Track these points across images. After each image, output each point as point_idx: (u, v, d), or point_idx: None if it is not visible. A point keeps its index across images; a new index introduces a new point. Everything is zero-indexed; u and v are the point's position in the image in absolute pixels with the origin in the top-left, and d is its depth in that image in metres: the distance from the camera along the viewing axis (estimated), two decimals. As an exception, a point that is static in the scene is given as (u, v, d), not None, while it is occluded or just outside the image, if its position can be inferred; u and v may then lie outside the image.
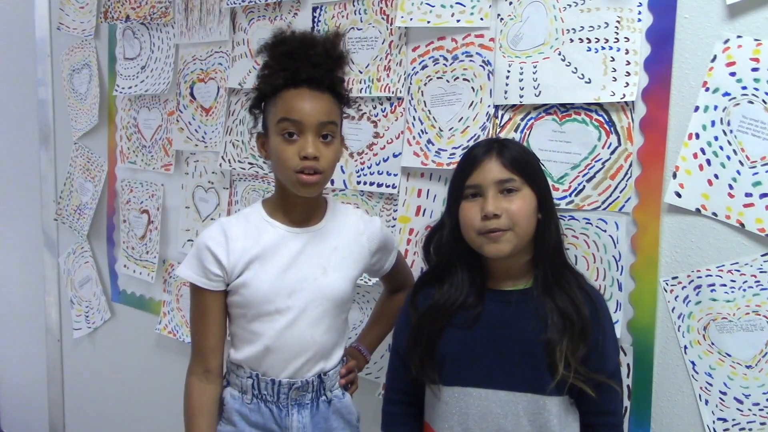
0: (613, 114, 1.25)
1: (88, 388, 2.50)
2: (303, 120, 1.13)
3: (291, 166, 1.14)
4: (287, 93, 1.15)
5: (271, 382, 1.21)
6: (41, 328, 2.63)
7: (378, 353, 1.58)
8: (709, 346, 1.18)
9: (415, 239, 1.51)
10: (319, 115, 1.15)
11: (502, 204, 1.10)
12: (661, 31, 1.20)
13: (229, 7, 1.83)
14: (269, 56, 1.18)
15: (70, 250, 2.46)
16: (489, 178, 1.11)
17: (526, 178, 1.12)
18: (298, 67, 1.15)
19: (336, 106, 1.20)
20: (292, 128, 1.14)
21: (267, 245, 1.20)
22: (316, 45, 1.17)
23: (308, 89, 1.15)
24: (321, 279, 1.21)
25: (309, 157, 1.13)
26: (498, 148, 1.13)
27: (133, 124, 2.16)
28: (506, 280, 1.17)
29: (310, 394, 1.23)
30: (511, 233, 1.10)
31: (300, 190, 1.17)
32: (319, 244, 1.23)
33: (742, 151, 1.13)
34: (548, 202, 1.15)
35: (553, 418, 1.09)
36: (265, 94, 1.19)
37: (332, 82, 1.19)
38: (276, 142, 1.15)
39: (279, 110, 1.15)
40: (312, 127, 1.14)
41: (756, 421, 1.14)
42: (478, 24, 1.40)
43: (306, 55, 1.15)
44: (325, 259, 1.23)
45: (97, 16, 2.24)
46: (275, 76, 1.16)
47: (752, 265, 1.13)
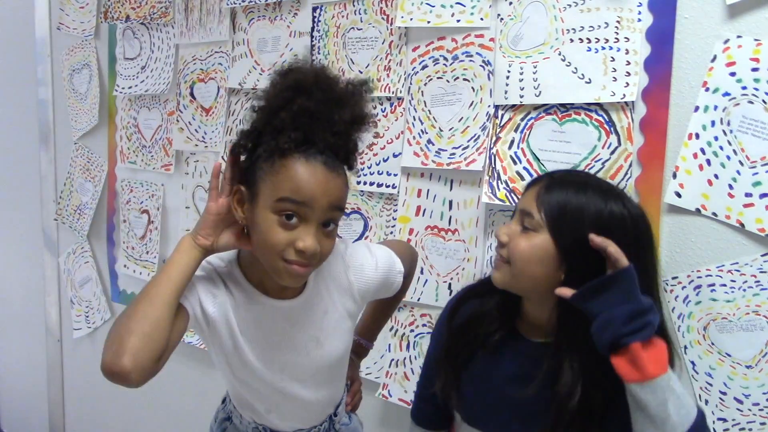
0: (613, 114, 1.25)
1: (88, 388, 2.50)
2: (311, 206, 0.92)
3: (281, 254, 0.93)
4: (296, 164, 0.92)
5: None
6: (41, 328, 2.63)
7: (378, 353, 1.58)
8: (709, 346, 1.18)
9: (415, 239, 1.51)
10: (330, 200, 0.93)
11: (513, 233, 1.01)
12: (661, 31, 1.20)
13: (229, 7, 1.83)
14: (282, 102, 0.93)
15: (70, 250, 2.46)
16: (521, 203, 1.03)
17: (551, 224, 0.97)
18: (315, 133, 0.92)
19: (347, 186, 0.98)
20: (293, 211, 0.92)
21: (248, 320, 1.02)
22: (344, 106, 0.95)
23: (323, 166, 0.92)
24: (314, 352, 1.07)
25: (307, 253, 0.92)
26: (554, 182, 1.01)
27: (133, 124, 2.16)
28: (533, 328, 1.08)
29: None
30: (507, 267, 1.02)
31: (283, 280, 0.96)
32: (308, 313, 1.06)
33: (742, 151, 1.13)
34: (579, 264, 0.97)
35: None
36: (265, 148, 0.94)
37: (348, 151, 0.98)
38: (267, 221, 0.93)
39: (282, 184, 0.92)
40: (318, 216, 0.93)
41: (756, 421, 1.14)
42: (478, 24, 1.40)
43: (330, 119, 0.93)
44: (317, 329, 1.06)
45: (97, 16, 2.24)
46: (284, 135, 0.92)
47: (752, 265, 1.13)
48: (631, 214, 0.98)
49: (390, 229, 1.56)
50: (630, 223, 0.97)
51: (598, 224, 0.96)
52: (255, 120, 0.96)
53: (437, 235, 1.49)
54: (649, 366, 0.91)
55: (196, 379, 2.03)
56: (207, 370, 1.99)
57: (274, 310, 1.03)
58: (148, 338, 0.87)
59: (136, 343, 0.86)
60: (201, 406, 1.32)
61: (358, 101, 0.97)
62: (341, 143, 0.96)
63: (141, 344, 0.86)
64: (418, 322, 1.53)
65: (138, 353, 0.86)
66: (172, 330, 0.92)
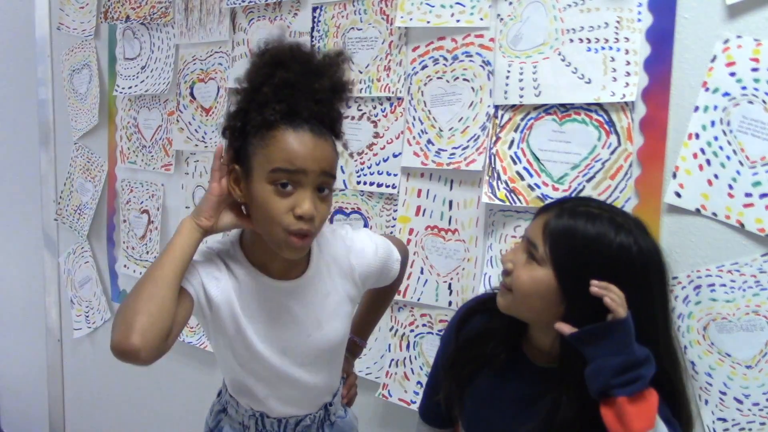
0: (613, 114, 1.25)
1: (88, 388, 2.50)
2: (303, 171, 0.95)
3: (283, 224, 0.95)
4: (285, 134, 0.95)
5: (277, 421, 1.14)
6: (41, 328, 2.63)
7: (378, 353, 1.58)
8: (708, 346, 1.18)
9: (415, 239, 1.51)
10: (321, 165, 0.96)
11: (518, 262, 1.00)
12: (661, 31, 1.20)
13: (229, 7, 1.83)
14: (263, 78, 0.97)
15: (70, 250, 2.46)
16: (528, 231, 1.02)
17: (554, 255, 0.96)
18: (298, 103, 0.96)
19: (336, 152, 1.01)
20: (287, 180, 0.95)
21: (251, 300, 1.04)
22: (322, 75, 0.98)
23: (311, 133, 0.96)
24: (315, 334, 1.08)
25: (305, 217, 0.95)
26: (564, 211, 0.98)
27: (133, 124, 2.16)
28: (538, 352, 1.07)
29: (316, 424, 1.18)
30: (510, 295, 1.01)
31: (286, 253, 0.99)
32: (310, 295, 1.07)
33: (741, 151, 1.13)
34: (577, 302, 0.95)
35: None
36: (253, 125, 0.97)
37: (332, 119, 1.02)
38: (264, 192, 0.95)
39: (273, 156, 0.95)
40: (312, 181, 0.96)
41: (756, 421, 1.14)
42: (478, 24, 1.40)
43: (311, 88, 0.97)
44: (318, 311, 1.08)
45: (97, 16, 2.24)
46: (269, 108, 0.95)
47: (752, 265, 1.13)
48: (641, 249, 0.95)
49: (390, 229, 1.56)
50: (638, 258, 0.95)
51: (604, 259, 0.94)
52: (240, 100, 1.00)
53: (437, 235, 1.49)
54: (635, 422, 0.89)
55: (196, 379, 2.03)
56: (207, 369, 1.99)
57: (277, 290, 1.05)
58: (155, 317, 0.89)
59: (143, 321, 0.88)
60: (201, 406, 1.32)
61: (336, 70, 1.00)
62: (325, 111, 0.99)
63: (149, 323, 0.88)
64: (418, 322, 1.53)
65: (146, 331, 0.88)
66: (177, 310, 0.94)
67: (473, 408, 1.12)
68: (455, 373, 1.12)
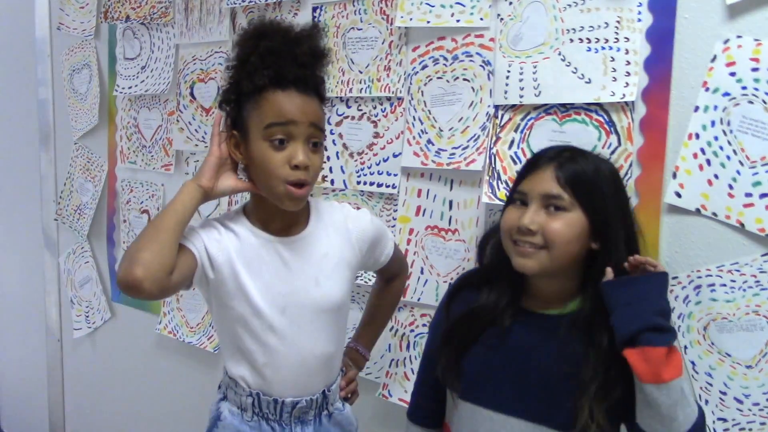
0: (613, 114, 1.25)
1: (88, 388, 2.50)
2: (294, 125, 1.05)
3: (281, 175, 1.05)
4: (274, 94, 1.06)
5: (273, 401, 1.14)
6: (41, 328, 2.63)
7: (378, 353, 1.58)
8: (709, 346, 1.18)
9: (415, 239, 1.51)
10: (310, 119, 1.07)
11: (540, 219, 1.02)
12: (661, 31, 1.20)
13: (229, 7, 1.83)
14: (250, 50, 1.07)
15: (70, 250, 2.46)
16: (537, 189, 1.03)
17: (581, 199, 1.01)
18: (283, 67, 1.05)
19: (322, 110, 1.12)
20: (281, 134, 1.05)
21: (252, 256, 1.10)
22: (302, 42, 1.08)
23: (297, 91, 1.07)
24: (314, 291, 1.13)
25: (301, 166, 1.04)
26: (561, 160, 1.04)
27: (133, 124, 2.16)
28: (542, 302, 1.10)
29: (313, 411, 1.18)
30: (544, 253, 1.02)
31: (286, 204, 1.08)
32: (308, 252, 1.14)
33: (742, 151, 1.13)
34: (610, 232, 1.02)
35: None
36: (244, 92, 1.08)
37: (316, 82, 1.11)
38: (261, 149, 1.05)
39: (266, 113, 1.05)
40: (303, 133, 1.06)
41: (756, 421, 1.14)
42: (478, 24, 1.40)
43: (292, 53, 1.06)
44: (316, 269, 1.14)
45: (97, 16, 2.24)
46: (258, 73, 1.05)
47: (752, 265, 1.13)
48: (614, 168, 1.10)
49: (390, 229, 1.56)
50: (618, 175, 1.09)
51: (609, 185, 1.04)
52: (231, 75, 1.10)
53: (437, 235, 1.49)
54: (669, 369, 0.92)
55: (196, 379, 2.03)
56: (207, 370, 1.99)
57: (276, 245, 1.12)
58: (157, 253, 0.98)
59: (146, 255, 0.97)
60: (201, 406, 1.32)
61: (313, 38, 1.11)
62: (309, 74, 1.09)
63: (151, 257, 0.97)
64: (418, 322, 1.53)
65: (149, 264, 0.96)
66: (181, 260, 1.02)
67: (473, 362, 1.12)
68: (451, 348, 1.13)
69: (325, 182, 1.65)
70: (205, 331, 1.97)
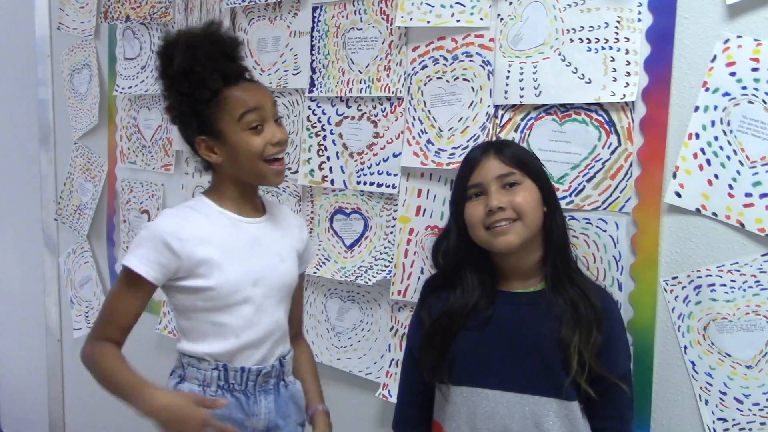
0: (613, 114, 1.25)
1: (88, 388, 2.48)
2: (264, 109, 1.17)
3: (265, 155, 1.16)
4: (232, 90, 1.16)
5: (240, 370, 1.19)
6: (41, 328, 2.63)
7: (378, 353, 1.58)
8: (709, 346, 1.18)
9: (415, 239, 1.51)
10: (270, 98, 1.20)
11: (505, 197, 1.12)
12: (661, 31, 1.20)
13: (229, 7, 1.83)
14: (191, 61, 1.13)
15: (70, 250, 2.46)
16: (489, 175, 1.14)
17: (527, 171, 1.15)
18: (224, 66, 1.16)
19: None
20: (255, 119, 1.16)
21: (224, 233, 1.19)
22: (223, 42, 1.18)
23: (247, 81, 1.19)
24: (280, 267, 1.24)
25: (282, 142, 1.17)
26: (496, 147, 1.17)
27: (133, 124, 2.16)
28: (516, 280, 1.18)
29: (273, 380, 1.24)
30: (519, 223, 1.12)
31: (272, 180, 1.20)
32: (272, 232, 1.26)
33: (742, 151, 1.13)
34: (552, 195, 1.18)
35: (559, 421, 1.10)
36: (202, 100, 1.15)
37: (247, 70, 1.23)
38: (242, 138, 1.15)
39: (234, 107, 1.15)
40: (270, 113, 1.18)
41: (756, 421, 1.14)
42: (478, 24, 1.40)
43: (224, 53, 1.17)
44: (279, 247, 1.26)
45: (97, 16, 2.24)
46: (209, 79, 1.14)
47: (752, 265, 1.13)
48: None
49: (390, 229, 1.56)
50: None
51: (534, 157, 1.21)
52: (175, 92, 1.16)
53: (437, 235, 1.48)
54: None
55: (196, 379, 2.03)
56: (207, 370, 1.99)
57: (246, 225, 1.22)
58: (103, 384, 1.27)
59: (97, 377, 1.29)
60: (201, 406, 1.32)
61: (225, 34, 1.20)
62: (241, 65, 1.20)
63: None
64: (418, 322, 1.53)
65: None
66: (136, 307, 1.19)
67: (464, 353, 1.16)
68: (434, 346, 1.18)
69: (325, 182, 1.65)
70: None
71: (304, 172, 1.68)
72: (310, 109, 1.67)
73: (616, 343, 1.14)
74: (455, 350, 1.16)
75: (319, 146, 1.66)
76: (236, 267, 1.18)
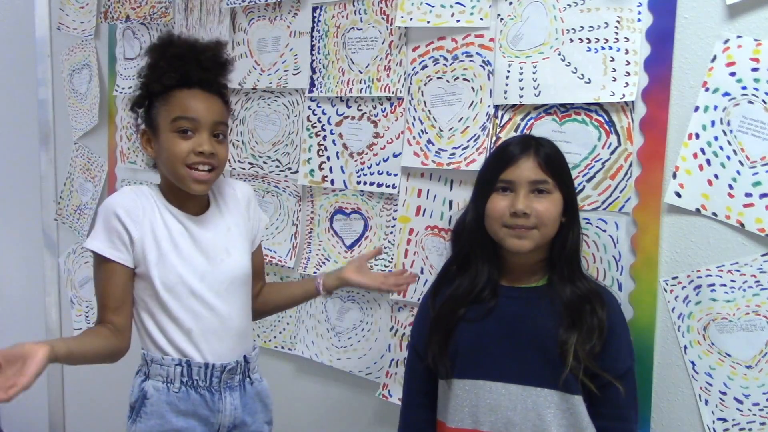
0: (613, 114, 1.25)
1: (88, 388, 2.50)
2: (199, 118, 1.18)
3: (184, 160, 1.17)
4: (181, 93, 1.19)
5: (204, 366, 1.21)
6: (41, 328, 2.62)
7: (378, 353, 1.58)
8: (709, 346, 1.18)
9: (415, 239, 1.51)
10: (213, 115, 1.20)
11: (532, 204, 1.12)
12: (661, 31, 1.20)
13: (229, 7, 1.82)
14: (158, 56, 1.21)
15: (70, 250, 2.45)
16: (524, 176, 1.14)
17: (558, 181, 1.14)
18: (189, 70, 1.19)
19: (226, 109, 1.26)
20: (187, 125, 1.18)
21: (172, 228, 1.22)
22: (205, 50, 1.23)
23: (201, 90, 1.21)
24: (227, 261, 1.25)
25: (205, 153, 1.17)
26: (535, 146, 1.15)
27: (133, 124, 2.15)
28: (520, 276, 1.20)
29: (238, 376, 1.25)
30: (536, 232, 1.13)
31: (191, 187, 1.19)
32: (216, 227, 1.27)
33: (742, 151, 1.13)
34: (573, 205, 1.18)
35: (560, 413, 1.11)
36: (154, 93, 1.21)
37: (219, 86, 1.25)
38: (169, 139, 1.18)
39: (173, 109, 1.18)
40: (207, 126, 1.19)
41: (756, 421, 1.14)
42: (478, 24, 1.40)
43: (197, 59, 1.20)
44: (225, 241, 1.26)
45: (97, 16, 2.23)
46: (166, 75, 1.19)
47: (752, 265, 1.13)
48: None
49: (390, 229, 1.56)
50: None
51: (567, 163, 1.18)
52: (142, 81, 1.23)
53: (437, 235, 1.49)
54: None
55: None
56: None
57: (189, 222, 1.24)
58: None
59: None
60: (201, 406, 1.32)
61: (216, 50, 1.25)
62: (212, 77, 1.23)
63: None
64: (418, 322, 1.53)
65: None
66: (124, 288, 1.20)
67: (466, 346, 1.17)
68: (439, 334, 1.19)
69: (325, 182, 1.65)
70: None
71: (304, 172, 1.68)
72: (310, 109, 1.68)
73: (617, 342, 1.14)
74: (457, 343, 1.17)
75: (319, 146, 1.66)
76: (180, 261, 1.20)
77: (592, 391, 1.11)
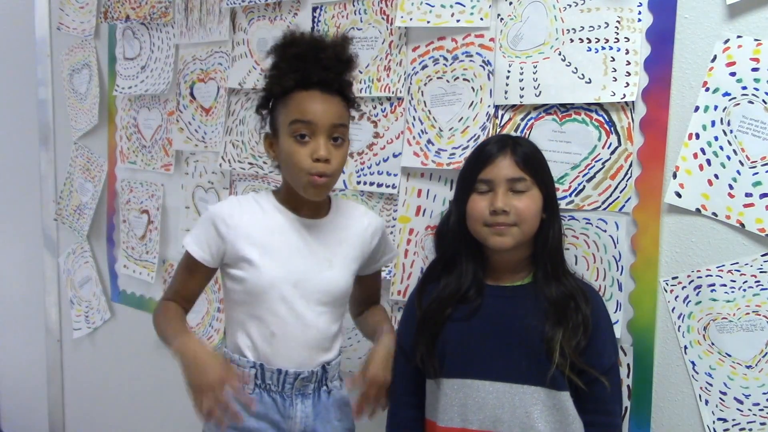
0: (613, 114, 1.25)
1: (88, 388, 2.50)
2: (316, 122, 1.15)
3: (303, 167, 1.14)
4: (299, 95, 1.16)
5: (277, 372, 1.20)
6: (41, 328, 2.63)
7: (378, 353, 1.57)
8: (709, 347, 1.18)
9: (415, 239, 1.51)
10: (331, 118, 1.16)
11: (511, 201, 1.13)
12: (661, 31, 1.20)
13: (229, 7, 1.83)
14: (279, 57, 1.19)
15: (70, 250, 2.46)
16: (501, 175, 1.14)
17: (536, 178, 1.15)
18: (308, 70, 1.16)
19: (345, 109, 1.21)
20: (304, 130, 1.15)
21: (275, 230, 1.21)
22: (327, 48, 1.18)
23: (320, 92, 1.17)
24: (327, 272, 1.23)
25: (321, 159, 1.14)
26: (512, 145, 1.16)
27: (133, 124, 2.16)
28: (505, 275, 1.21)
29: (313, 384, 1.23)
30: (516, 229, 1.14)
31: (309, 193, 1.17)
32: (327, 236, 1.24)
33: (742, 151, 1.13)
34: (553, 202, 1.19)
35: (547, 411, 1.12)
36: (275, 95, 1.20)
37: (341, 85, 1.20)
38: (287, 144, 1.16)
39: (291, 112, 1.16)
40: (324, 130, 1.15)
41: (756, 421, 1.14)
42: (478, 24, 1.40)
43: (317, 58, 1.16)
44: (331, 252, 1.24)
45: (97, 16, 2.24)
46: (286, 77, 1.16)
47: (752, 265, 1.13)
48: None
49: (390, 229, 1.56)
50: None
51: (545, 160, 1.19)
52: (266, 82, 1.22)
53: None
54: None
55: (196, 379, 2.03)
56: (207, 370, 1.98)
57: (299, 225, 1.23)
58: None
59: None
60: (201, 406, 1.32)
61: (339, 46, 1.20)
62: (333, 77, 1.18)
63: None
64: (418, 322, 1.53)
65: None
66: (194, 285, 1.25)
67: (454, 345, 1.18)
68: (426, 333, 1.20)
69: (325, 182, 1.65)
70: (204, 331, 1.96)
71: (304, 172, 1.68)
72: (310, 109, 1.67)
73: (602, 337, 1.15)
74: (444, 342, 1.18)
75: (319, 146, 1.66)
76: (276, 264, 1.19)
77: (579, 386, 1.11)
